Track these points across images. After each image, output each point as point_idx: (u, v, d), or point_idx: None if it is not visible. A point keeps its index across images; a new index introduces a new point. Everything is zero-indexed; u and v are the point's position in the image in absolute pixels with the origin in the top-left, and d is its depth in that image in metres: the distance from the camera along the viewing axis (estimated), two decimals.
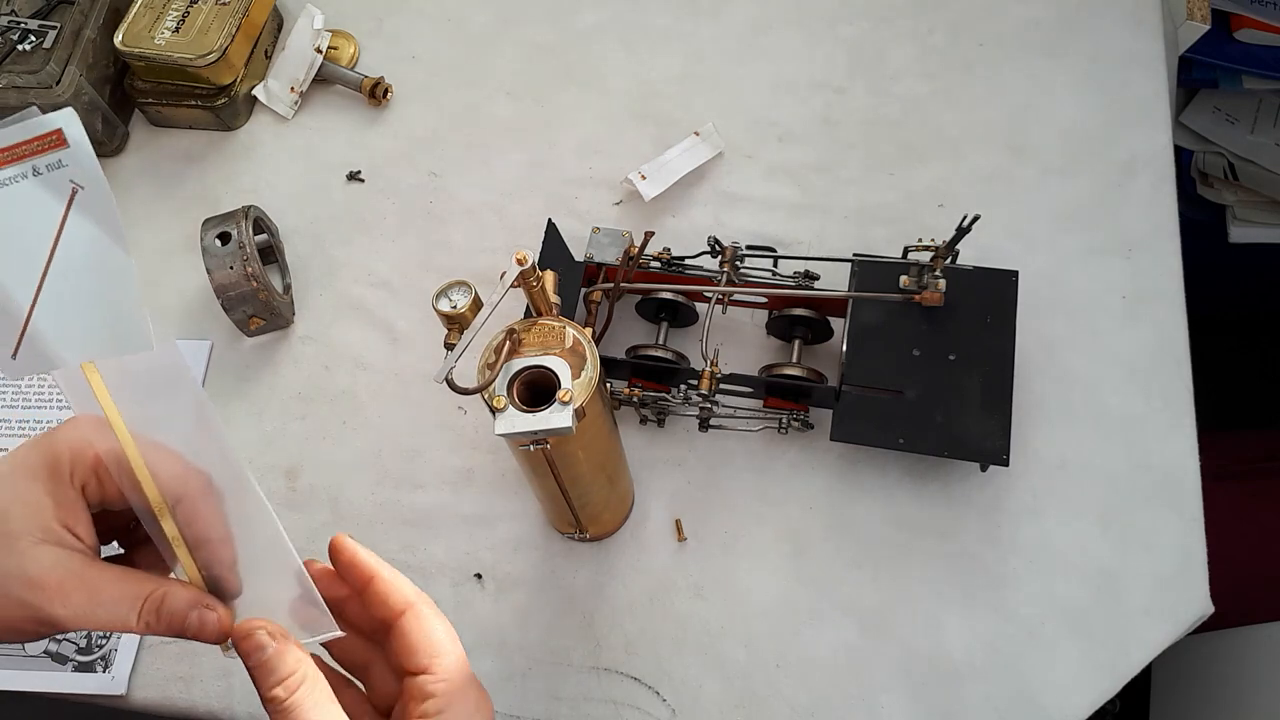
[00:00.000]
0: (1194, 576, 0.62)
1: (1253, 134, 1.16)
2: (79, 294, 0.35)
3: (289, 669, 0.37)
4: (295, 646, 0.38)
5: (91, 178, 0.34)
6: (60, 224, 0.35)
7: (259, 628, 0.37)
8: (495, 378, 0.47)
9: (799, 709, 0.61)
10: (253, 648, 0.37)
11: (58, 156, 0.34)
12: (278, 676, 0.37)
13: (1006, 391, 0.63)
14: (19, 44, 0.78)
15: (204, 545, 0.39)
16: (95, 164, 0.35)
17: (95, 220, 0.35)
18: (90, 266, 0.35)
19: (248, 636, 0.37)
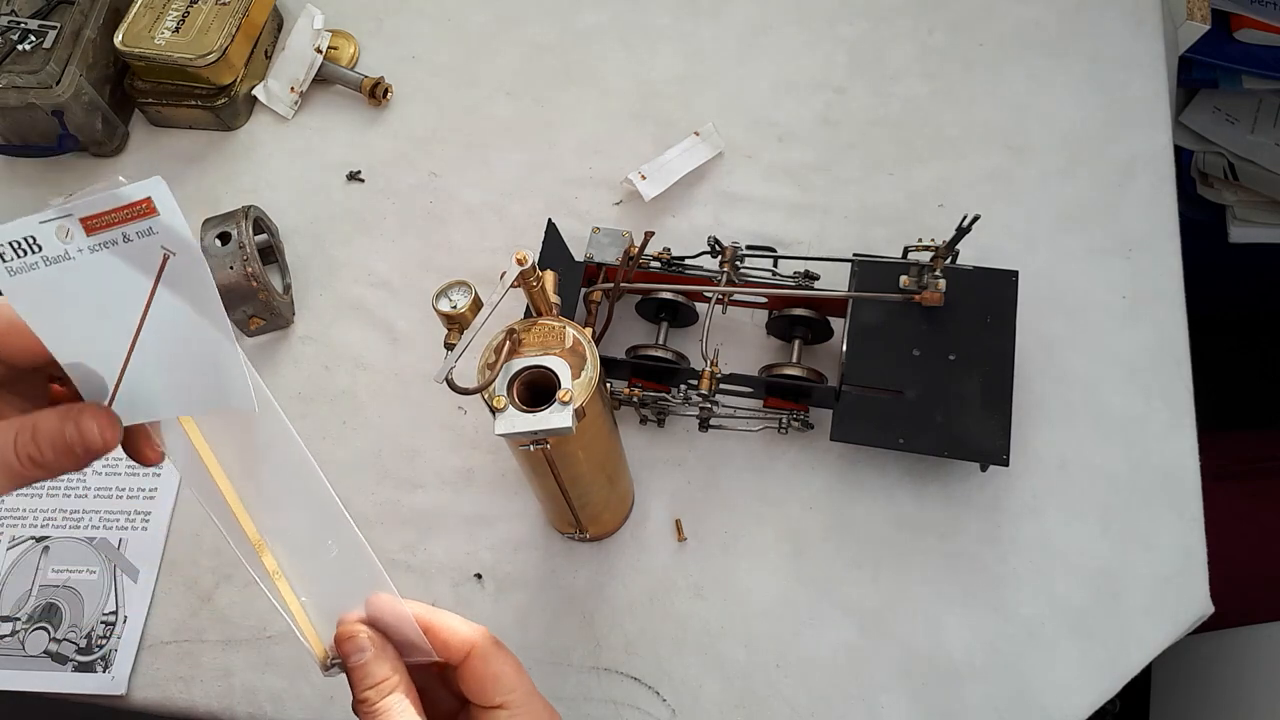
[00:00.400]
0: (1194, 576, 0.62)
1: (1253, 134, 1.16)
2: (174, 356, 0.36)
3: (384, 675, 0.38)
4: (393, 657, 0.39)
5: (182, 244, 0.35)
6: (152, 290, 0.35)
7: (361, 631, 0.39)
8: (495, 378, 0.47)
9: (799, 709, 0.61)
10: (353, 649, 0.39)
11: (148, 224, 0.34)
12: (373, 680, 0.38)
13: (1006, 391, 0.63)
14: (19, 44, 0.78)
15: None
16: (186, 231, 0.35)
17: (187, 285, 0.35)
18: (185, 329, 0.36)
19: (351, 638, 0.39)
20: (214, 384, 0.37)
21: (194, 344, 0.36)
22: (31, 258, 0.35)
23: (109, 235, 0.35)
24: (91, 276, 0.35)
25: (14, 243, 0.35)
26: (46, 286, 0.35)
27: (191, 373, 0.37)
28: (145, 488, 0.71)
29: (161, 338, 0.36)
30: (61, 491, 0.72)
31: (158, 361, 0.36)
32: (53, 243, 0.35)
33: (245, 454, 0.39)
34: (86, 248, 0.35)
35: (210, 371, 0.37)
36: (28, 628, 0.68)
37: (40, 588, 0.69)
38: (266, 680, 0.65)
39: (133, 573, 0.69)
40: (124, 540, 0.70)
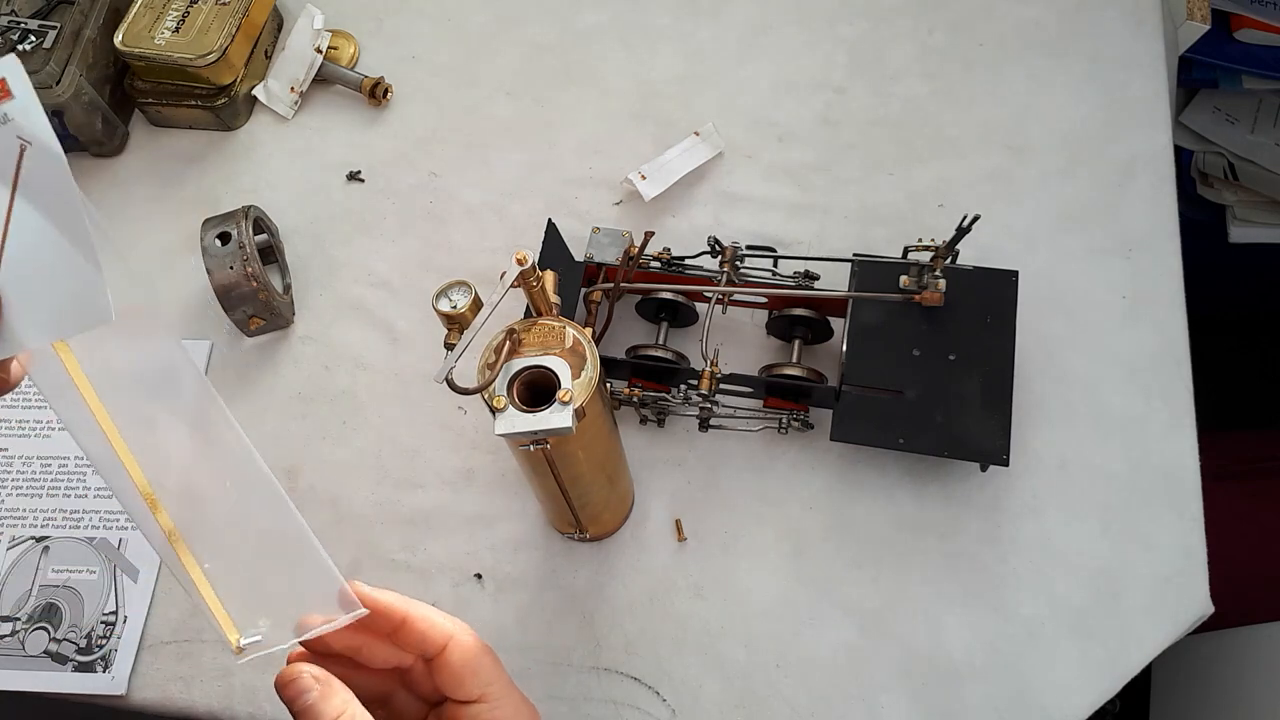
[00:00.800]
0: (1194, 576, 0.62)
1: (1253, 134, 1.16)
2: (40, 265, 0.32)
3: (335, 710, 0.37)
4: (340, 689, 0.37)
5: (37, 130, 0.31)
6: (12, 188, 0.32)
7: (303, 672, 0.37)
8: (495, 378, 0.47)
9: (799, 709, 0.61)
10: (297, 692, 0.37)
11: (2, 110, 0.31)
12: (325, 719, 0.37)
13: (1006, 391, 0.63)
14: (19, 44, 0.78)
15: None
16: (42, 116, 0.31)
17: (47, 178, 0.32)
18: (47, 232, 0.32)
19: (292, 681, 0.37)
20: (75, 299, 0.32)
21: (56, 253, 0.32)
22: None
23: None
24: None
25: None
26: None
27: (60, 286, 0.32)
28: None
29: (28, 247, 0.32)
30: (61, 491, 0.72)
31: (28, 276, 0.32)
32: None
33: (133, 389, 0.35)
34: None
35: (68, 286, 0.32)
36: (28, 628, 0.68)
37: (40, 588, 0.69)
38: (266, 680, 0.65)
39: (133, 573, 0.69)
40: (124, 540, 0.70)
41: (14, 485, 0.72)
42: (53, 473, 0.72)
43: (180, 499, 0.36)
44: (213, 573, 0.37)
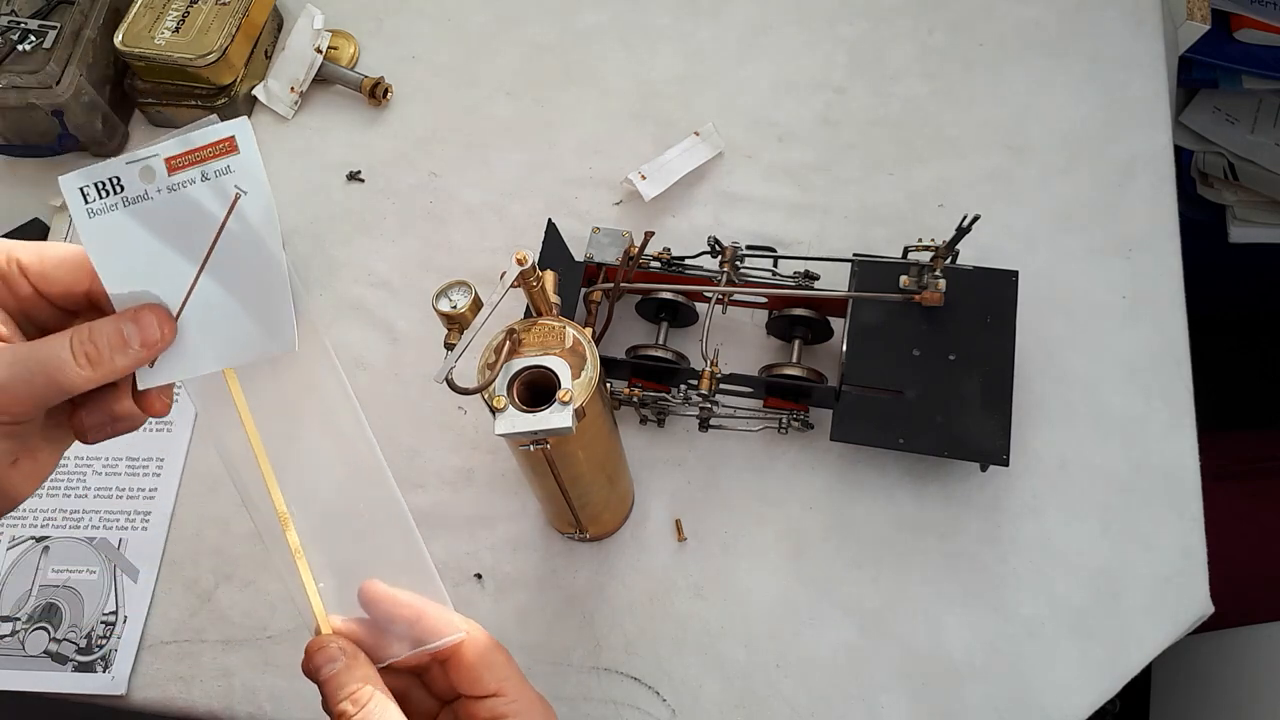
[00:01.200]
0: (1194, 576, 0.62)
1: (1253, 134, 1.16)
2: (230, 297, 0.36)
3: (356, 684, 0.37)
4: (365, 664, 0.38)
5: (255, 183, 0.36)
6: (220, 227, 0.36)
7: (332, 642, 0.38)
8: (495, 378, 0.47)
9: (799, 709, 0.61)
10: (324, 660, 0.38)
11: (226, 163, 0.36)
12: (347, 691, 0.37)
13: (1006, 391, 0.63)
14: (19, 44, 0.78)
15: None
16: (261, 170, 0.36)
17: (255, 223, 0.36)
18: (244, 268, 0.36)
19: (320, 650, 0.38)
20: (260, 329, 0.37)
21: (249, 287, 0.36)
22: (112, 199, 0.36)
23: (188, 175, 0.36)
24: (164, 217, 0.36)
25: (99, 183, 0.36)
26: (119, 228, 0.36)
27: (243, 319, 0.37)
28: (145, 487, 0.71)
29: (221, 279, 0.36)
30: (61, 491, 0.72)
31: (213, 305, 0.37)
32: (135, 183, 0.36)
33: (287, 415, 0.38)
34: (165, 187, 0.36)
35: (258, 317, 0.37)
36: (28, 628, 0.68)
37: (40, 588, 0.69)
38: (266, 680, 0.65)
39: (133, 573, 0.69)
40: (124, 540, 0.70)
41: None
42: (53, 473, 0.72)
43: (307, 515, 0.39)
44: (325, 592, 0.39)
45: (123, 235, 0.36)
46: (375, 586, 0.39)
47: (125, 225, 0.36)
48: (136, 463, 0.72)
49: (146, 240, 0.36)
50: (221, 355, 0.37)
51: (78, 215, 0.36)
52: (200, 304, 0.37)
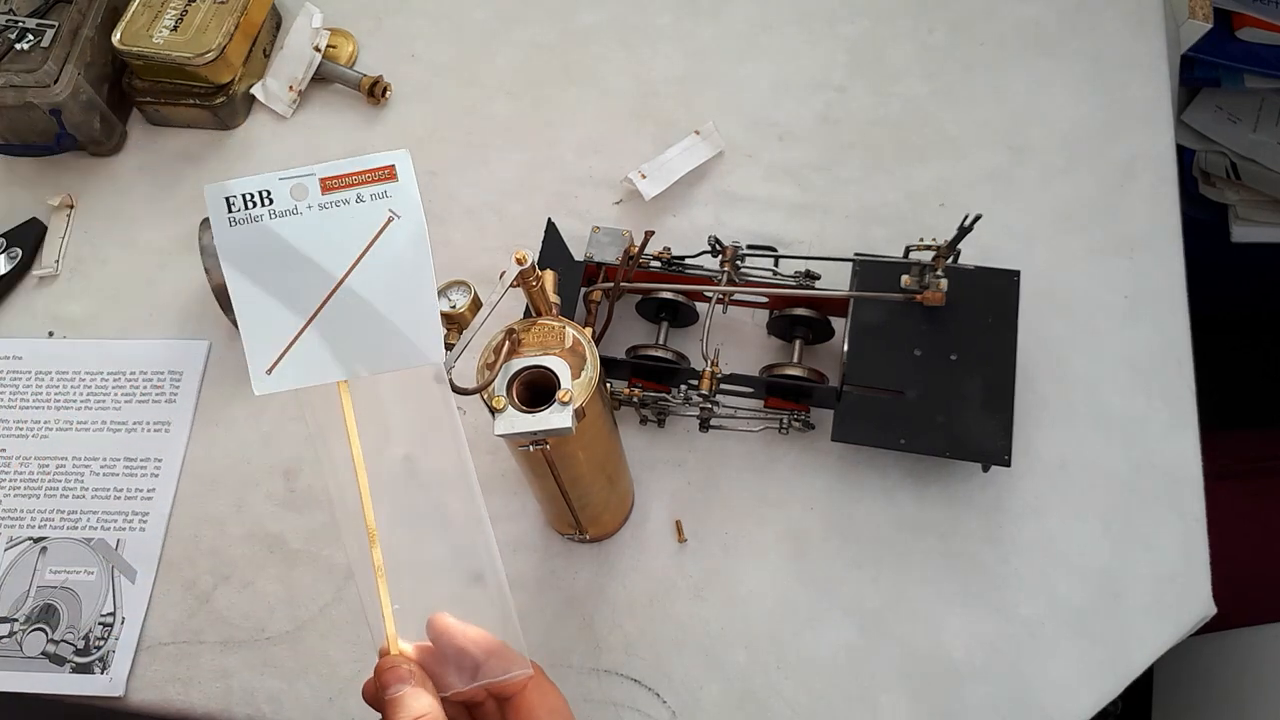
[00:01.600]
0: (1196, 577, 0.62)
1: (1255, 133, 1.16)
2: (365, 313, 0.38)
3: (423, 710, 0.38)
4: (431, 691, 0.39)
5: (410, 209, 0.38)
6: (368, 246, 0.37)
7: (403, 664, 0.39)
8: (495, 378, 0.47)
9: (799, 709, 0.61)
10: (394, 679, 0.38)
11: (384, 188, 0.38)
12: (410, 713, 0.38)
13: (1008, 391, 0.62)
14: (17, 43, 0.78)
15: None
16: (416, 198, 0.38)
17: (406, 244, 0.38)
18: (387, 287, 0.38)
19: (392, 669, 0.39)
20: (405, 342, 0.38)
21: (392, 302, 0.38)
22: (259, 210, 0.37)
23: (343, 195, 0.37)
24: (311, 231, 0.37)
25: (247, 194, 0.37)
26: (261, 237, 0.37)
27: (383, 332, 0.38)
28: (143, 488, 0.71)
29: (361, 294, 0.38)
30: (59, 492, 0.72)
31: (348, 319, 0.38)
32: (285, 198, 0.37)
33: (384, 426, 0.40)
34: (317, 205, 0.37)
35: (403, 330, 0.38)
36: (25, 629, 0.67)
37: (38, 589, 0.69)
38: (265, 681, 0.65)
39: (130, 574, 0.69)
40: (122, 541, 0.70)
41: (12, 486, 0.72)
42: (50, 473, 0.72)
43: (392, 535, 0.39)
44: (400, 613, 0.39)
45: (261, 243, 0.37)
46: (445, 619, 0.40)
47: (267, 234, 0.37)
48: (134, 463, 0.72)
49: (286, 249, 0.37)
50: (354, 364, 0.38)
51: (219, 223, 0.37)
52: (336, 315, 0.38)
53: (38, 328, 0.79)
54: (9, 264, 0.80)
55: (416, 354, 0.39)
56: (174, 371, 0.75)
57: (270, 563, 0.68)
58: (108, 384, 0.75)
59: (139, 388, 0.75)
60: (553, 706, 0.41)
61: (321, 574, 0.67)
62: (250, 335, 0.38)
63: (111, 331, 0.78)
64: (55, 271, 0.80)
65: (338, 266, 0.38)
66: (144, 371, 0.75)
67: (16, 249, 0.81)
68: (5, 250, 0.80)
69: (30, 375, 0.76)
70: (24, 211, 0.83)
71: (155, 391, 0.74)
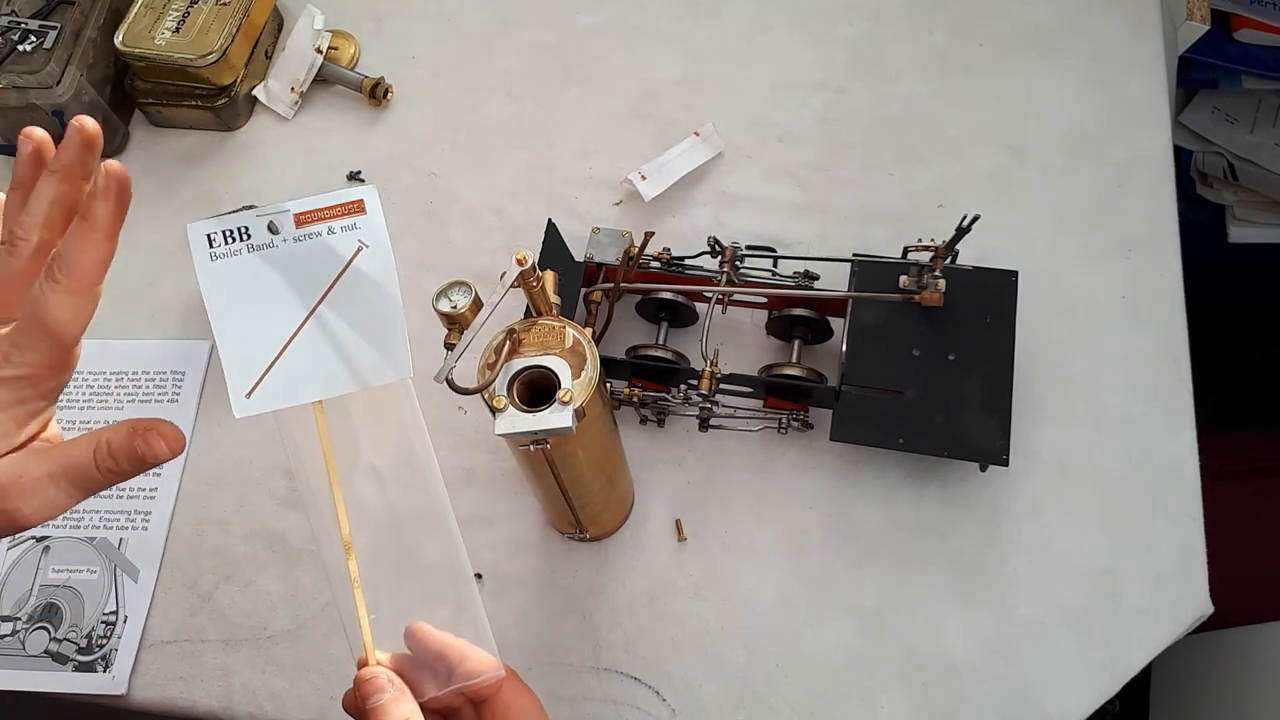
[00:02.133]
0: (1194, 576, 0.62)
1: (1252, 134, 1.16)
2: (338, 336, 0.40)
3: (401, 716, 0.39)
4: (410, 699, 0.40)
5: (377, 239, 0.40)
6: (339, 274, 0.40)
7: (380, 674, 0.40)
8: (495, 378, 0.47)
9: (799, 709, 0.61)
10: (372, 690, 0.39)
11: (354, 221, 0.40)
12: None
13: (1006, 391, 0.63)
14: (19, 44, 0.78)
15: None
16: (384, 230, 0.40)
17: (374, 270, 0.40)
18: (358, 310, 0.40)
19: (370, 680, 0.39)
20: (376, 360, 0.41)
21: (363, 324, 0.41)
22: (238, 244, 0.40)
23: (315, 229, 0.40)
24: (286, 262, 0.40)
25: (226, 231, 0.40)
26: (239, 270, 0.40)
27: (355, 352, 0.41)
28: (146, 487, 0.71)
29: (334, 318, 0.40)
30: None
31: (322, 342, 0.40)
32: (262, 233, 0.40)
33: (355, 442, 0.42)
34: (292, 238, 0.40)
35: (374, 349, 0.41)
36: (28, 627, 0.68)
37: (41, 587, 0.69)
38: (267, 680, 0.65)
39: (133, 572, 0.69)
40: (124, 540, 0.70)
41: None
42: None
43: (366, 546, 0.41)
44: (376, 623, 0.41)
45: (241, 275, 0.40)
46: (421, 626, 0.41)
47: (246, 267, 0.40)
48: None
49: (263, 280, 0.40)
50: (329, 384, 0.40)
51: (200, 258, 0.40)
52: (311, 338, 0.40)
53: None
54: None
55: (387, 370, 0.41)
56: (176, 371, 0.75)
57: (272, 562, 0.68)
58: (110, 384, 0.75)
59: (141, 388, 0.75)
60: (525, 707, 0.42)
61: (323, 573, 0.67)
62: (230, 362, 0.40)
63: (114, 332, 0.78)
64: None
65: (312, 294, 0.40)
66: (146, 371, 0.76)
67: None
68: None
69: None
70: None
71: (158, 391, 0.75)
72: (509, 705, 0.42)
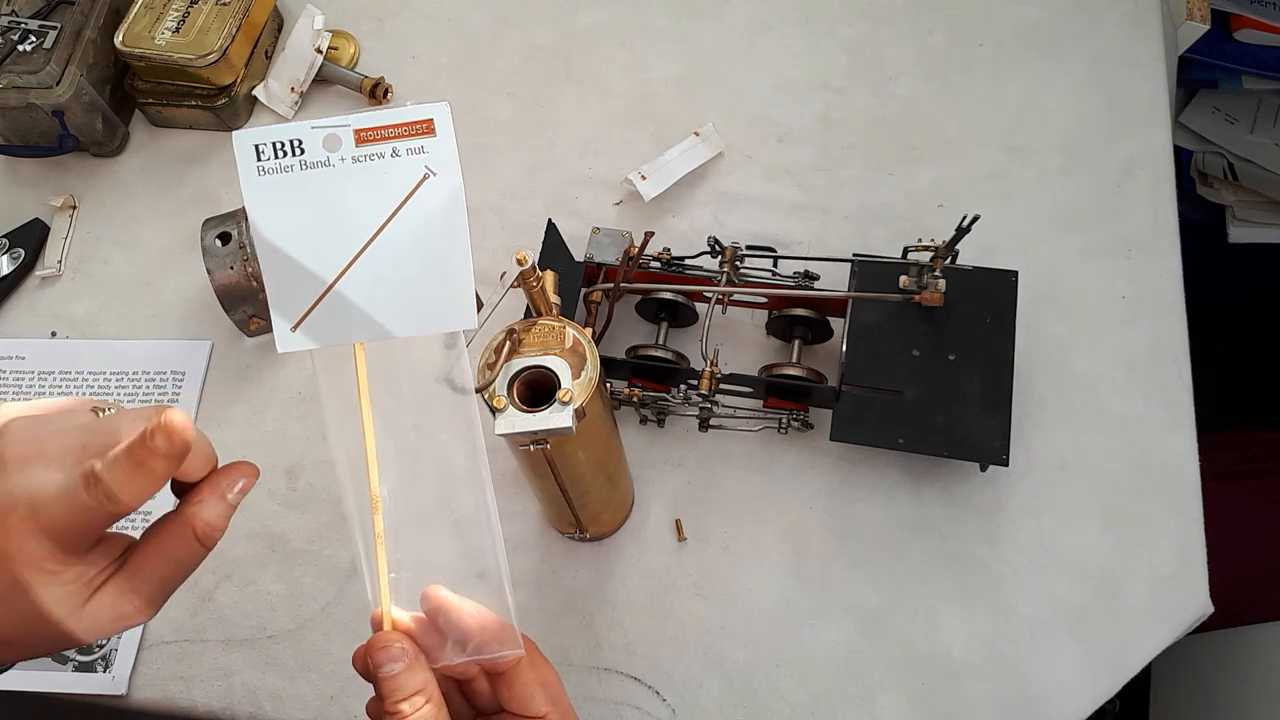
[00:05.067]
0: (1193, 576, 0.62)
1: (1252, 134, 1.16)
2: (398, 272, 0.36)
3: (417, 687, 0.37)
4: (425, 668, 0.38)
5: (447, 166, 0.36)
6: (401, 204, 0.36)
7: (395, 641, 0.38)
8: (495, 378, 0.47)
9: (799, 709, 0.61)
10: (387, 659, 0.38)
11: (421, 143, 0.36)
12: (406, 692, 0.37)
13: (1006, 391, 0.63)
14: (19, 44, 0.78)
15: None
16: (454, 155, 0.36)
17: (441, 203, 0.36)
18: (421, 247, 0.36)
19: (384, 648, 0.38)
20: (436, 305, 0.37)
21: (424, 263, 0.36)
22: (289, 159, 0.36)
23: (378, 149, 0.36)
24: (342, 185, 0.36)
25: (277, 143, 0.36)
26: (290, 188, 0.36)
27: (413, 295, 0.37)
28: None
29: (394, 253, 0.36)
30: None
31: (377, 279, 0.36)
32: (317, 149, 0.36)
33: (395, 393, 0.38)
34: (350, 157, 0.36)
35: (434, 293, 0.37)
36: None
37: None
38: (267, 680, 0.65)
39: None
40: None
41: None
42: None
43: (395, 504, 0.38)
44: (396, 583, 0.38)
45: (291, 195, 0.36)
46: (440, 591, 0.39)
47: (298, 186, 0.36)
48: None
49: (316, 203, 0.36)
50: (382, 324, 0.37)
51: (246, 171, 0.36)
52: (365, 274, 0.36)
53: (40, 328, 0.79)
54: (12, 264, 0.80)
55: (448, 319, 0.37)
56: (176, 372, 0.75)
57: (272, 561, 0.68)
58: (110, 384, 0.75)
59: (141, 388, 0.75)
60: (543, 679, 0.40)
61: (323, 573, 0.67)
62: (275, 290, 0.37)
63: (114, 332, 0.78)
64: (58, 272, 0.81)
65: (369, 223, 0.36)
66: (146, 372, 0.76)
67: (19, 249, 0.81)
68: (8, 251, 0.81)
69: (33, 375, 0.76)
70: (27, 212, 0.83)
71: (158, 392, 0.75)
72: (527, 679, 0.40)
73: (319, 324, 0.36)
